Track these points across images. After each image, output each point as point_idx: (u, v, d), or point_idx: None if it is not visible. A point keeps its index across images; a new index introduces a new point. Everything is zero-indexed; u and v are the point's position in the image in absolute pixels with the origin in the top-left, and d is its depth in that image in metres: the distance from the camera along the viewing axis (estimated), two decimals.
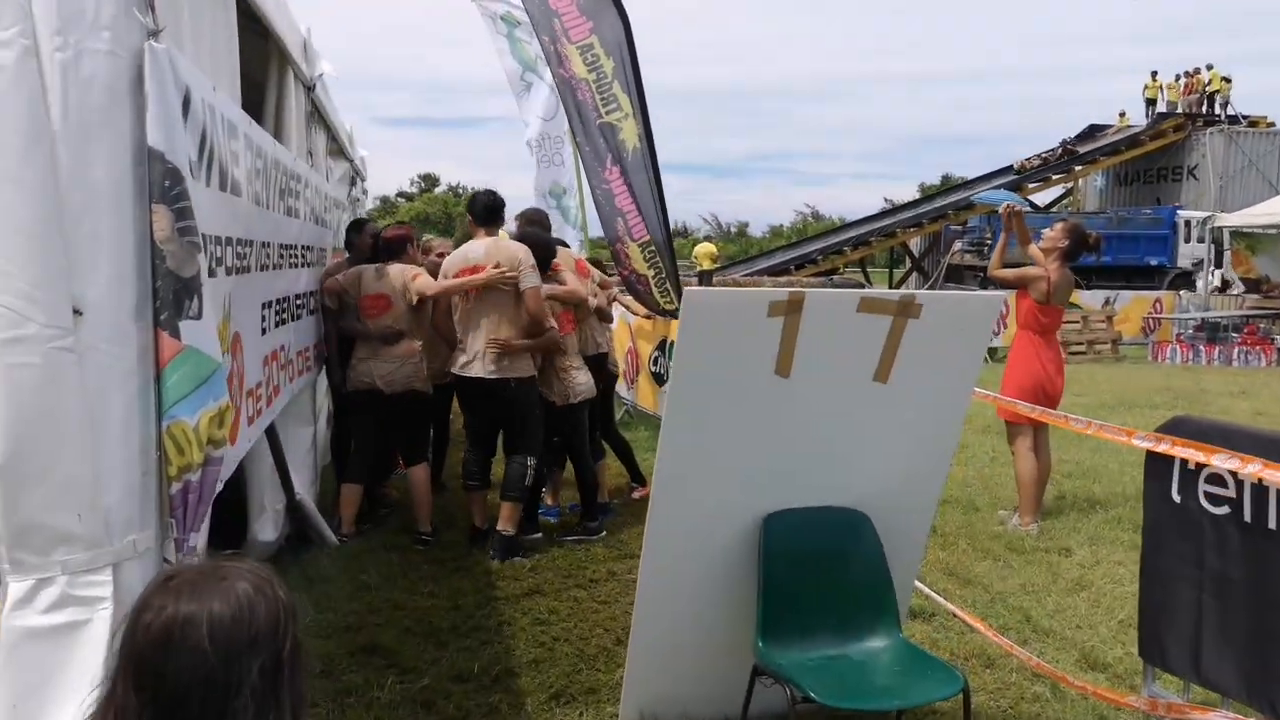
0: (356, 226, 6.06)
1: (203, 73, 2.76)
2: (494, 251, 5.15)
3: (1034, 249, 5.88)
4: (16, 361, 1.95)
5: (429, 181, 56.47)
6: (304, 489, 5.12)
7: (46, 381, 1.98)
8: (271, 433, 4.43)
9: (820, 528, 3.19)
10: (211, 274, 2.74)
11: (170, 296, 2.18)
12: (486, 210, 5.38)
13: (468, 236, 5.51)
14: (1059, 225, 5.94)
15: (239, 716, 1.09)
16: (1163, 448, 2.95)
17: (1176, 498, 2.97)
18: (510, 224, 6.64)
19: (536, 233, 5.72)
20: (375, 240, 5.69)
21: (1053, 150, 27.60)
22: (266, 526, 4.79)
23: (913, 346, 3.06)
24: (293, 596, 1.21)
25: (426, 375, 5.41)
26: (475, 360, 5.09)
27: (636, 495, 6.24)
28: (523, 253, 5.13)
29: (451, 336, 5.33)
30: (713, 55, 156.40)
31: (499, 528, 5.22)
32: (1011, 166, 27.98)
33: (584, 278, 5.90)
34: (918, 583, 4.15)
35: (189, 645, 1.08)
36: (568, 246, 6.46)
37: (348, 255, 5.96)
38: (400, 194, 54.56)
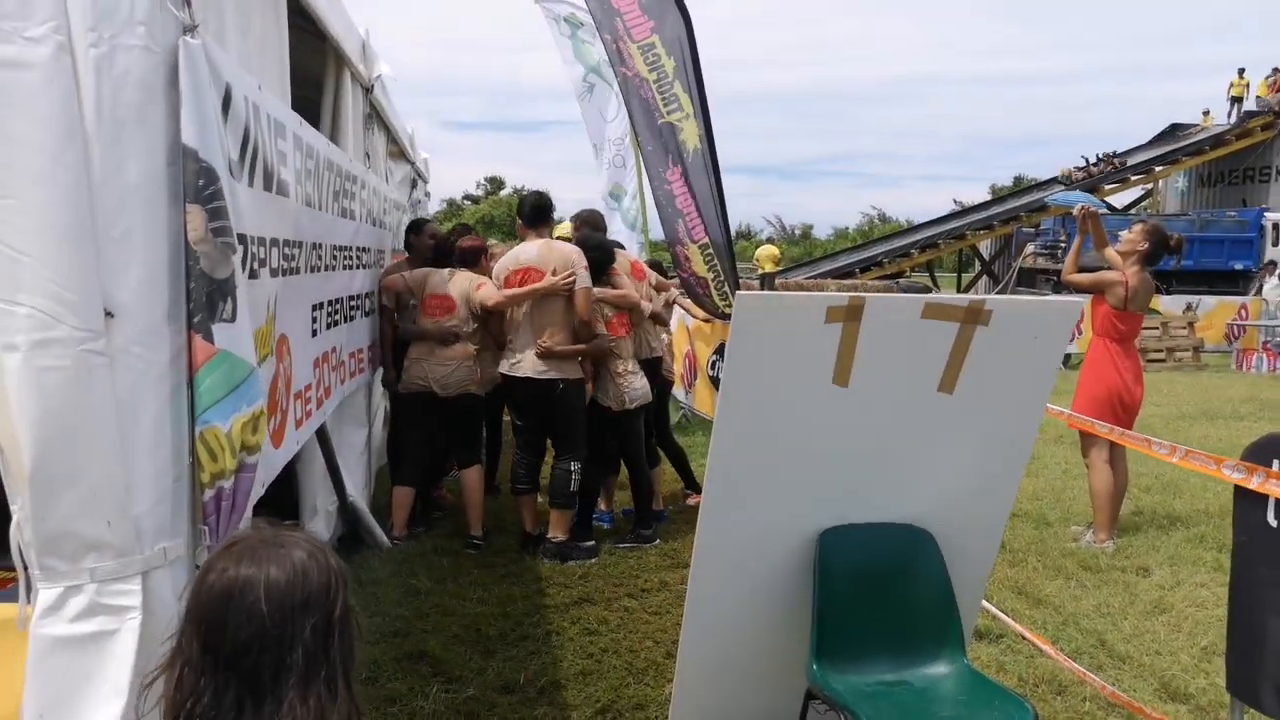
0: (416, 227, 6.04)
1: (248, 71, 2.72)
2: (546, 253, 5.11)
3: (1111, 252, 5.61)
4: (46, 364, 1.91)
5: (495, 184, 56.98)
6: (357, 491, 5.11)
7: (77, 385, 1.94)
8: (323, 434, 4.41)
9: (879, 545, 3.03)
10: (254, 275, 2.70)
11: (204, 299, 2.13)
12: (535, 211, 5.36)
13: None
14: (1138, 227, 5.67)
15: (293, 670, 1.20)
16: (1255, 482, 2.72)
17: (1273, 522, 2.74)
18: (565, 225, 6.62)
19: (596, 236, 5.66)
20: (435, 241, 5.65)
21: (1096, 162, 26.30)
22: (319, 527, 4.78)
23: (981, 355, 2.88)
24: (344, 565, 1.32)
25: (480, 378, 5.37)
26: (524, 360, 5.06)
27: (691, 502, 6.14)
28: (575, 254, 5.11)
29: (502, 339, 5.29)
30: (779, 59, 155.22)
31: (549, 535, 5.16)
32: (1056, 177, 27.00)
33: (639, 280, 5.79)
34: (985, 602, 3.95)
35: (246, 604, 1.20)
36: (623, 248, 6.36)
37: (407, 256, 5.95)
38: (466, 196, 55.16)
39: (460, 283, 5.28)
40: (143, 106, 2.04)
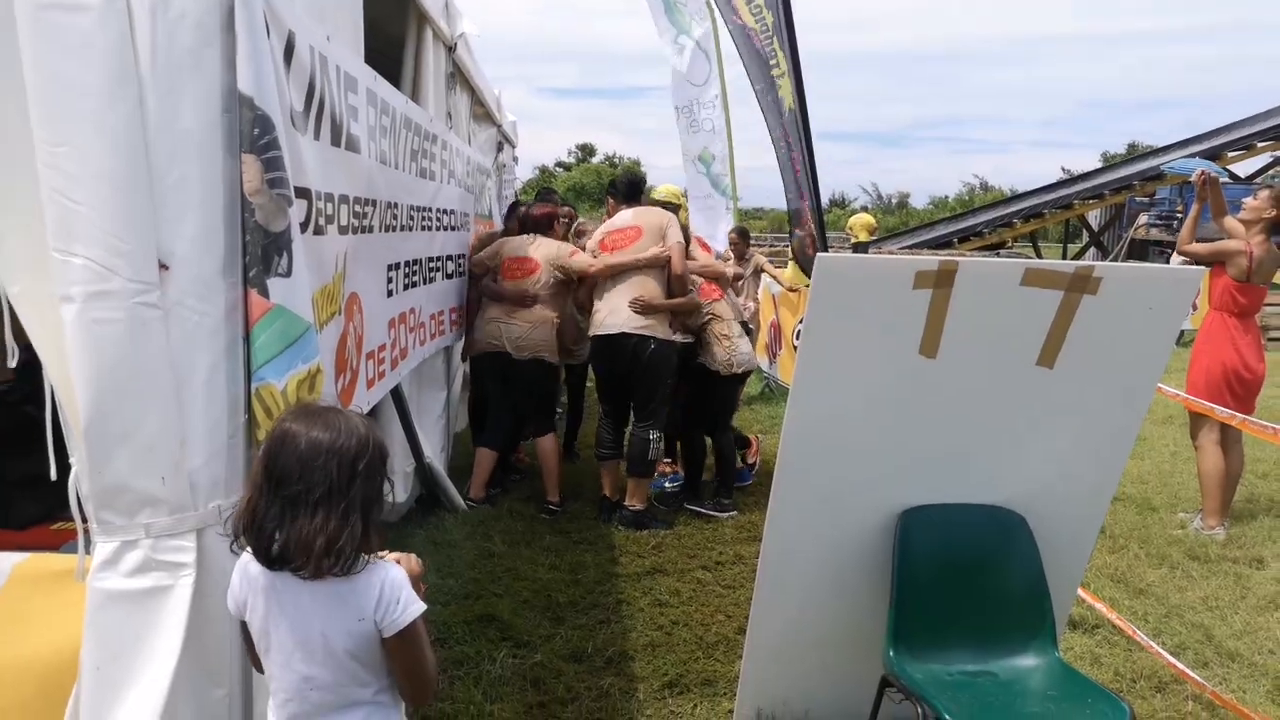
0: (512, 210, 6.04)
1: (318, 21, 2.65)
2: (641, 214, 5.23)
3: (1231, 221, 5.21)
4: (100, 317, 1.87)
5: (585, 151, 56.95)
6: (435, 453, 5.11)
7: (130, 339, 1.90)
8: (399, 396, 4.40)
9: (966, 527, 2.85)
10: (320, 231, 2.65)
11: (259, 252, 2.07)
12: (630, 188, 5.55)
13: None
14: (1264, 193, 5.24)
15: (316, 494, 1.64)
16: None
17: None
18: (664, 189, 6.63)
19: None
20: (521, 220, 5.63)
21: None
22: (396, 488, 4.80)
23: (1087, 327, 2.65)
24: (383, 443, 1.75)
25: (556, 347, 5.31)
26: (617, 317, 5.02)
27: (751, 459, 6.10)
28: (668, 214, 5.24)
29: (589, 306, 5.28)
30: (877, 20, 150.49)
31: (627, 503, 5.10)
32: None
33: (706, 254, 5.93)
34: (1081, 590, 3.71)
35: (291, 447, 1.66)
36: None
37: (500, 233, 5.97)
38: (558, 164, 55.25)
39: (546, 247, 5.29)
40: (198, 50, 1.97)
